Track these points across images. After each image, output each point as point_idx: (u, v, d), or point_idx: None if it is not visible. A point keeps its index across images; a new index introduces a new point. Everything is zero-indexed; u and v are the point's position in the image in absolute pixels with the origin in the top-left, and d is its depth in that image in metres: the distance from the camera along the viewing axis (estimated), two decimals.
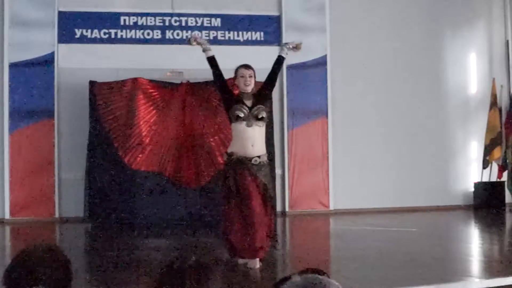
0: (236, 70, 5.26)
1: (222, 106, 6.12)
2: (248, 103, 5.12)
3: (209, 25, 9.49)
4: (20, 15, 8.92)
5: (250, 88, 5.18)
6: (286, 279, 1.52)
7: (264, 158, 5.11)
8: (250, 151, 5.03)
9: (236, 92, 5.33)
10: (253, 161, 5.01)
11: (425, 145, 9.99)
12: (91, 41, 9.17)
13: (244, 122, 5.05)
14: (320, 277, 1.49)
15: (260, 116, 5.07)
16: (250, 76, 5.18)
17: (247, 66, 5.23)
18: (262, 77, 5.36)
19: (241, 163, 5.02)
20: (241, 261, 5.18)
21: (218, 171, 8.03)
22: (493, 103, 10.11)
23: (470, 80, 10.45)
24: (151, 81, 8.71)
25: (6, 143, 8.82)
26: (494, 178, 10.09)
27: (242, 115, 5.04)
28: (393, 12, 10.04)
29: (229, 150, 5.18)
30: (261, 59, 9.37)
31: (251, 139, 5.04)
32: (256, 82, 5.31)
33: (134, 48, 9.24)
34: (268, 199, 5.11)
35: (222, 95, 5.32)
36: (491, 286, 4.37)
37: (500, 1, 10.59)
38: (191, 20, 9.47)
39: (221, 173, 5.49)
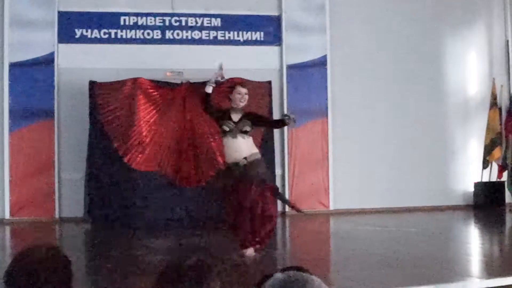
0: (233, 87, 5.76)
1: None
2: (236, 117, 5.69)
3: (209, 25, 9.49)
4: (20, 15, 8.91)
5: (243, 104, 5.74)
6: (268, 276, 1.53)
7: (253, 157, 5.64)
8: (235, 156, 5.62)
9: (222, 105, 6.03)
10: (240, 163, 5.56)
11: (425, 145, 9.98)
12: (91, 41, 9.18)
13: (230, 134, 5.65)
14: (302, 273, 1.50)
15: (244, 130, 5.65)
16: (246, 94, 5.74)
17: (244, 85, 5.86)
18: (261, 77, 5.35)
19: (230, 170, 5.67)
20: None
21: (218, 170, 8.04)
22: (493, 103, 10.10)
23: (470, 80, 10.44)
24: (151, 81, 8.71)
25: (6, 143, 8.82)
26: (494, 178, 10.09)
27: (227, 129, 5.64)
28: (393, 12, 10.03)
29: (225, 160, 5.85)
30: (261, 59, 9.46)
31: (234, 147, 5.65)
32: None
33: (134, 48, 9.24)
34: (261, 185, 5.59)
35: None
36: (491, 286, 4.37)
37: (500, 1, 10.59)
38: (191, 20, 9.47)
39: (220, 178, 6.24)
